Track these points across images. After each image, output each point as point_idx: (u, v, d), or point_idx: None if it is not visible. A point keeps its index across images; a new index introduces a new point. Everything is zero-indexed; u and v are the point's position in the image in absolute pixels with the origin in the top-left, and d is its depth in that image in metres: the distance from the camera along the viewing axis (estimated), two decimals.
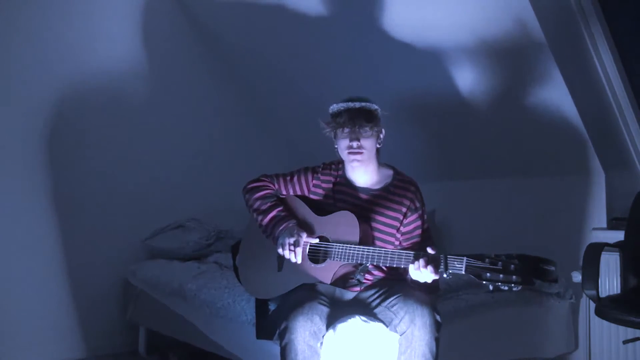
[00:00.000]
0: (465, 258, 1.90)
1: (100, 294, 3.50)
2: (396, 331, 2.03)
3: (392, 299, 2.10)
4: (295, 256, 2.15)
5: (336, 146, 2.27)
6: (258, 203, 2.31)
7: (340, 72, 3.49)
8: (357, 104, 2.19)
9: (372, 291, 2.20)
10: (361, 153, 2.20)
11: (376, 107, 2.22)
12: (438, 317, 2.01)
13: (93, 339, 3.46)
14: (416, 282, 2.05)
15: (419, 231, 2.26)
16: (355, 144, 2.18)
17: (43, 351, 3.27)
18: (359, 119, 2.17)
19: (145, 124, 3.71)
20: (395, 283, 2.19)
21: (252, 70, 4.03)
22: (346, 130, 2.18)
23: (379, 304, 2.14)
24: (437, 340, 1.98)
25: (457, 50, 2.90)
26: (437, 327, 2.00)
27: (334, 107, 2.23)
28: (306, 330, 1.98)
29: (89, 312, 3.46)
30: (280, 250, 2.18)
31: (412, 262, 1.98)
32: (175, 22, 3.87)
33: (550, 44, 2.60)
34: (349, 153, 2.21)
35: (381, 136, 2.26)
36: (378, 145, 2.26)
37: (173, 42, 3.87)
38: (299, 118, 4.03)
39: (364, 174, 2.28)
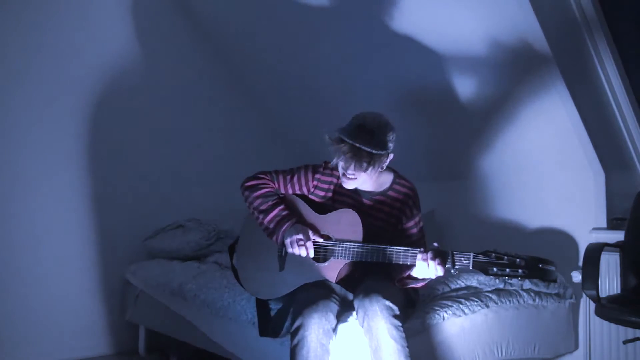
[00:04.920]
0: (472, 254, 1.94)
1: (100, 294, 3.51)
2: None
3: (355, 295, 2.12)
4: (307, 250, 2.15)
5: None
6: (258, 202, 2.29)
7: (342, 68, 3.48)
8: (358, 146, 2.06)
9: None
10: (354, 179, 2.18)
11: (378, 152, 2.08)
12: (388, 303, 2.00)
13: (93, 339, 3.46)
14: (410, 280, 2.06)
15: (410, 237, 2.28)
16: (350, 172, 2.14)
17: (43, 350, 3.27)
18: (357, 159, 2.08)
19: (145, 123, 3.71)
20: (366, 279, 2.19)
21: (253, 69, 4.02)
22: (344, 159, 2.11)
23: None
24: (396, 327, 1.98)
25: (462, 54, 2.91)
26: (392, 314, 1.99)
27: (340, 134, 2.10)
28: (320, 327, 1.99)
29: (89, 312, 3.46)
30: (289, 249, 2.17)
31: (420, 255, 1.99)
32: (175, 19, 3.86)
33: (553, 49, 2.61)
34: (343, 175, 2.18)
35: (386, 162, 2.18)
36: (380, 170, 2.20)
37: (174, 41, 3.86)
38: (301, 116, 4.03)
39: (364, 182, 2.27)
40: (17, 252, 3.24)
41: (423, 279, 2.12)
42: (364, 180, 2.22)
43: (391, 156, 2.19)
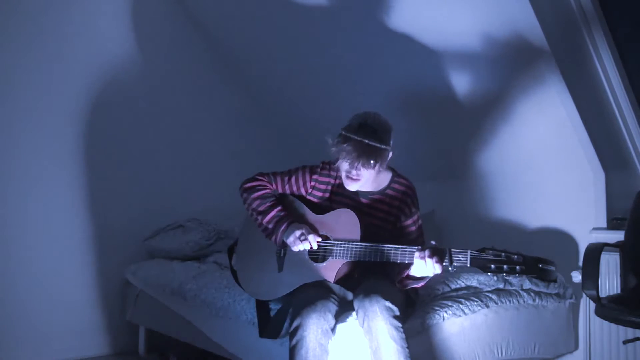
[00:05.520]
0: (469, 251, 1.95)
1: (100, 294, 3.51)
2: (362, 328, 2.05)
3: (355, 295, 2.12)
4: (311, 242, 2.15)
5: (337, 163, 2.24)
6: (257, 203, 2.30)
7: (342, 69, 3.48)
8: (366, 141, 2.10)
9: None
10: (357, 180, 2.19)
11: (385, 147, 2.13)
12: (388, 304, 2.00)
13: (93, 339, 3.46)
14: (410, 280, 2.06)
15: (409, 235, 2.29)
16: (354, 172, 2.17)
17: (43, 350, 3.27)
18: (364, 154, 2.10)
19: (145, 123, 3.71)
20: (364, 279, 2.19)
21: (253, 69, 4.02)
22: (349, 159, 2.13)
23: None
24: (397, 327, 1.99)
25: (460, 53, 2.91)
26: (392, 314, 1.99)
27: (344, 132, 2.15)
28: (319, 327, 2.00)
29: (88, 312, 3.46)
30: (293, 248, 2.18)
31: (417, 253, 1.99)
32: (176, 21, 3.86)
33: (552, 47, 2.61)
34: (346, 177, 2.20)
35: (387, 160, 2.21)
36: (380, 169, 2.23)
37: (173, 41, 3.86)
38: (301, 117, 4.03)
39: (365, 182, 2.26)
40: (17, 252, 3.24)
41: (422, 279, 2.12)
42: (366, 182, 2.23)
43: (390, 155, 2.21)
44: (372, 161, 2.11)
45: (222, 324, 2.66)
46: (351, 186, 2.23)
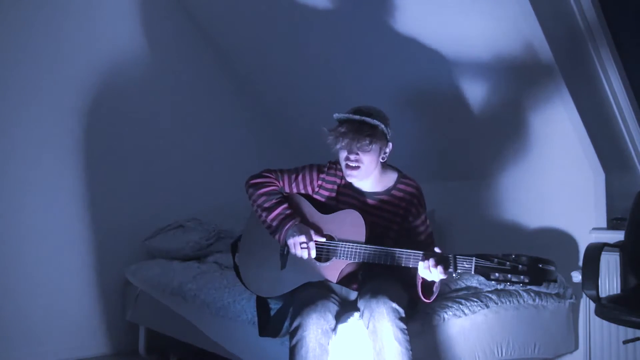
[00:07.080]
0: (474, 258, 1.92)
1: (100, 294, 3.51)
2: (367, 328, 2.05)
3: (360, 295, 2.12)
4: (309, 252, 2.15)
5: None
6: (262, 199, 2.29)
7: (344, 69, 3.48)
8: (358, 117, 2.14)
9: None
10: (357, 168, 2.19)
11: (378, 123, 2.15)
12: (395, 305, 1.99)
13: (93, 339, 3.47)
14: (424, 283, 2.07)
15: (419, 236, 2.29)
16: (352, 156, 2.17)
17: (43, 350, 3.28)
18: (358, 133, 2.12)
19: (145, 123, 3.71)
20: (369, 279, 2.18)
21: (254, 69, 4.02)
22: (345, 141, 2.15)
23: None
24: (402, 330, 1.98)
25: (464, 56, 2.91)
26: (398, 316, 1.98)
27: (337, 116, 2.19)
28: (319, 328, 1.99)
29: (89, 312, 3.46)
30: (292, 251, 2.17)
31: (422, 262, 1.99)
32: (177, 20, 3.87)
33: (553, 50, 2.61)
34: (346, 166, 2.20)
35: (387, 150, 2.22)
36: (381, 160, 2.24)
37: (174, 41, 3.87)
38: (301, 117, 4.03)
39: (366, 180, 2.27)
40: (17, 252, 3.24)
41: (433, 284, 2.11)
42: (367, 172, 2.21)
43: (390, 145, 2.21)
44: (367, 140, 2.12)
45: (222, 323, 2.66)
46: (352, 176, 2.21)
